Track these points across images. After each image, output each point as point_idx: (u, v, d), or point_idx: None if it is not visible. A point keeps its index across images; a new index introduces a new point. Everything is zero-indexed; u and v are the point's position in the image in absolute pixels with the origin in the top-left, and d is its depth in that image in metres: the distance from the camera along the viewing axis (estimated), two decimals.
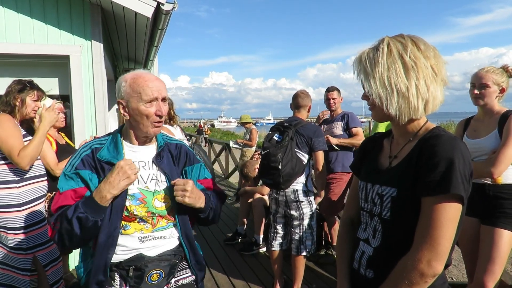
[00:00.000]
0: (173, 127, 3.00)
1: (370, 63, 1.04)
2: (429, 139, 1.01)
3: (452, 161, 0.93)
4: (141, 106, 1.35)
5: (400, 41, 1.04)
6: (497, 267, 2.05)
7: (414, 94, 1.01)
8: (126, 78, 1.39)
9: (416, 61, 1.01)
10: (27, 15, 3.31)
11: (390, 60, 1.02)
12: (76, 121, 3.46)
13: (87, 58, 3.47)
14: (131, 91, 1.36)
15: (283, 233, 3.05)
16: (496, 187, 2.12)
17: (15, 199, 2.22)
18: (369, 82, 1.04)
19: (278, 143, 2.85)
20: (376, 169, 1.16)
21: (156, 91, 1.35)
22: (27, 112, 2.39)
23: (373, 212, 1.12)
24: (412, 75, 1.01)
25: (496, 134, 2.11)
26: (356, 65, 1.09)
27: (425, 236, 0.95)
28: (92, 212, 1.26)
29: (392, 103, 1.03)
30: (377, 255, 1.09)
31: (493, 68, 2.20)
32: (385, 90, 1.02)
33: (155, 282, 1.39)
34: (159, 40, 4.52)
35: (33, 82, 2.45)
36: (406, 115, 1.04)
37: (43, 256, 2.36)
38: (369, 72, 1.04)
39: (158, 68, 7.84)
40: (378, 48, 1.04)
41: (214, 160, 10.50)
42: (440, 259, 0.93)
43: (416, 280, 0.95)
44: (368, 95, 1.09)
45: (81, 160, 1.35)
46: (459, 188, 0.92)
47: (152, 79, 1.37)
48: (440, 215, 0.93)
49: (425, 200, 0.97)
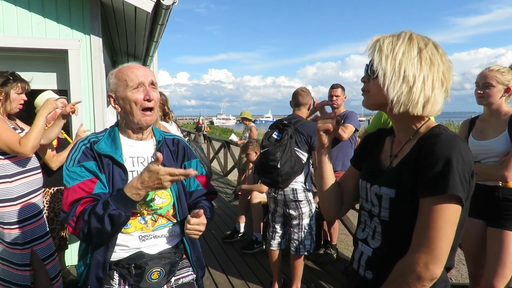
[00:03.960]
0: (168, 123, 2.97)
1: (387, 44, 1.02)
2: (428, 137, 0.99)
3: (450, 160, 0.90)
4: (128, 93, 1.34)
5: (422, 37, 1.03)
6: (507, 270, 2.03)
7: (418, 87, 0.99)
8: (113, 71, 1.40)
9: (432, 58, 1.00)
10: (25, 8, 3.26)
11: (408, 48, 1.00)
12: (74, 116, 3.41)
13: (85, 52, 3.43)
14: (117, 80, 1.36)
15: (281, 232, 3.03)
16: (506, 190, 2.09)
17: (9, 193, 2.19)
18: (381, 58, 1.01)
19: (277, 141, 2.81)
20: (376, 169, 1.14)
21: (141, 75, 1.35)
22: (12, 107, 2.31)
23: (372, 213, 1.11)
24: (424, 69, 0.99)
25: (507, 136, 2.07)
26: (371, 43, 1.06)
27: (422, 238, 0.93)
28: (124, 208, 1.24)
29: (394, 87, 1.00)
30: (377, 256, 1.08)
31: (499, 67, 2.16)
32: (393, 71, 1.00)
33: (155, 280, 1.37)
34: (159, 35, 4.48)
35: (15, 73, 2.34)
36: (403, 104, 1.00)
37: (41, 250, 2.33)
38: (384, 50, 1.01)
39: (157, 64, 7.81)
40: (400, 35, 1.03)
41: (213, 157, 10.48)
42: (437, 262, 0.91)
43: (414, 284, 0.93)
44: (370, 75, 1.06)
45: (82, 153, 1.33)
46: (457, 189, 0.90)
47: (136, 67, 1.38)
48: (437, 216, 0.91)
49: (422, 201, 0.95)
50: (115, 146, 1.37)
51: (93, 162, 1.32)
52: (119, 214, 1.23)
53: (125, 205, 1.24)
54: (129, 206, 1.25)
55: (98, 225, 1.22)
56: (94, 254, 1.32)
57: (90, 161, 1.32)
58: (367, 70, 1.08)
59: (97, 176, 1.31)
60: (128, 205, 1.25)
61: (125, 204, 1.24)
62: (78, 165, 1.31)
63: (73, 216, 1.25)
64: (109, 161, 1.34)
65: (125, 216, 1.25)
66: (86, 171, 1.31)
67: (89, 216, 1.23)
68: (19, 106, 2.37)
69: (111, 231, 1.25)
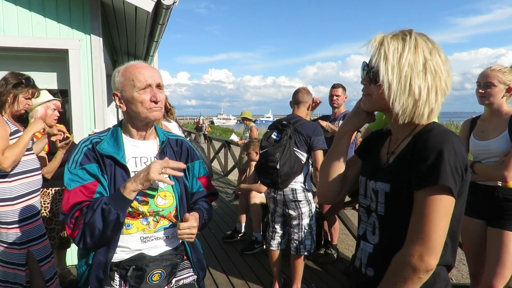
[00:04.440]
0: (170, 123, 2.95)
1: (393, 51, 1.00)
2: (422, 133, 1.01)
3: (442, 153, 0.92)
4: (135, 93, 1.33)
5: (426, 42, 1.01)
6: (507, 270, 2.03)
7: (424, 100, 0.99)
8: (119, 69, 1.38)
9: (436, 69, 1.00)
10: (26, 7, 3.26)
11: (414, 58, 0.99)
12: (74, 116, 3.42)
13: (86, 52, 3.43)
14: (124, 79, 1.34)
15: (281, 233, 3.03)
16: (506, 190, 2.08)
17: (7, 193, 2.19)
18: (387, 68, 0.99)
19: (276, 142, 2.81)
20: (375, 165, 1.15)
21: (149, 77, 1.34)
22: (18, 108, 2.34)
23: (370, 208, 1.12)
24: (429, 81, 0.99)
25: (507, 136, 2.06)
26: (374, 44, 1.03)
27: (416, 230, 0.94)
28: (115, 204, 1.24)
29: (399, 100, 1.00)
30: (377, 252, 1.09)
31: (501, 66, 2.15)
32: (399, 84, 0.99)
33: (156, 282, 1.37)
34: (159, 35, 4.48)
35: (29, 78, 2.39)
36: (408, 117, 1.02)
37: (37, 251, 2.34)
38: (390, 59, 0.99)
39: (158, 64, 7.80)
40: (405, 40, 1.00)
41: (213, 157, 10.47)
42: (432, 253, 0.91)
43: (409, 276, 0.93)
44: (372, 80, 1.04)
45: (84, 155, 1.33)
46: (448, 180, 0.91)
47: (144, 67, 1.36)
48: (430, 208, 0.92)
49: (416, 194, 0.96)
50: (117, 146, 1.37)
51: (95, 165, 1.32)
52: (109, 209, 1.22)
53: (116, 201, 1.24)
54: (120, 203, 1.25)
55: (91, 221, 1.22)
56: (96, 255, 1.32)
57: (92, 163, 1.32)
58: (368, 73, 1.06)
59: (99, 180, 1.31)
60: (118, 201, 1.25)
61: (117, 200, 1.24)
62: (80, 167, 1.30)
63: (72, 218, 1.26)
64: (111, 162, 1.34)
65: (115, 213, 1.23)
66: (87, 174, 1.30)
67: (85, 213, 1.24)
68: (23, 111, 2.40)
69: (103, 229, 1.24)
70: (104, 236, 1.27)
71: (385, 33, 1.05)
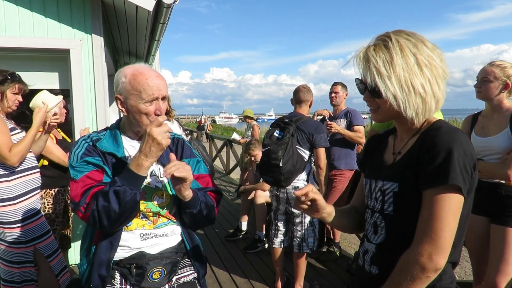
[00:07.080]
0: (170, 121, 2.97)
1: (384, 64, 0.99)
2: (429, 131, 1.01)
3: (451, 151, 0.91)
4: (141, 105, 1.32)
5: (408, 39, 1.01)
6: (510, 268, 2.02)
7: (430, 94, 0.99)
8: (125, 73, 1.34)
9: (429, 60, 0.99)
10: (27, 8, 3.27)
11: (405, 60, 0.99)
12: (76, 116, 3.43)
13: (87, 52, 3.43)
14: (130, 88, 1.32)
15: (284, 230, 3.03)
16: (509, 187, 2.08)
17: (7, 192, 2.20)
18: (386, 83, 0.99)
19: (278, 140, 2.81)
20: (380, 166, 1.15)
21: (157, 90, 1.32)
22: (8, 105, 2.33)
23: (374, 209, 1.11)
24: (427, 74, 0.99)
25: (508, 133, 2.05)
26: (362, 63, 1.03)
27: (425, 229, 0.93)
28: (129, 184, 1.23)
29: (410, 104, 1.00)
30: (381, 251, 1.08)
31: (501, 62, 2.13)
32: (403, 91, 0.99)
33: (156, 280, 1.37)
34: (160, 34, 4.48)
35: (14, 74, 2.36)
36: (422, 115, 1.02)
37: (44, 248, 2.35)
38: (384, 73, 0.99)
39: (159, 63, 7.80)
40: (388, 47, 1.00)
41: (215, 156, 10.48)
42: (441, 253, 0.91)
43: (418, 275, 0.93)
44: (375, 96, 1.04)
45: (85, 149, 1.34)
46: (457, 179, 0.90)
47: (153, 77, 1.33)
48: (440, 207, 0.92)
49: (425, 193, 0.95)
50: (117, 144, 1.38)
51: (98, 158, 1.33)
52: (124, 190, 1.22)
53: (130, 180, 1.23)
54: (134, 181, 1.24)
55: (105, 204, 1.21)
56: (98, 253, 1.32)
57: (93, 156, 1.33)
58: (367, 90, 1.06)
59: (103, 169, 1.32)
60: (132, 180, 1.24)
61: (130, 179, 1.23)
62: (81, 160, 1.31)
63: (84, 203, 1.25)
64: (113, 159, 1.35)
65: (131, 192, 1.22)
66: (92, 165, 1.31)
67: (97, 197, 1.23)
68: (14, 107, 2.38)
69: (120, 211, 1.23)
70: (122, 217, 1.26)
71: (364, 45, 1.04)
